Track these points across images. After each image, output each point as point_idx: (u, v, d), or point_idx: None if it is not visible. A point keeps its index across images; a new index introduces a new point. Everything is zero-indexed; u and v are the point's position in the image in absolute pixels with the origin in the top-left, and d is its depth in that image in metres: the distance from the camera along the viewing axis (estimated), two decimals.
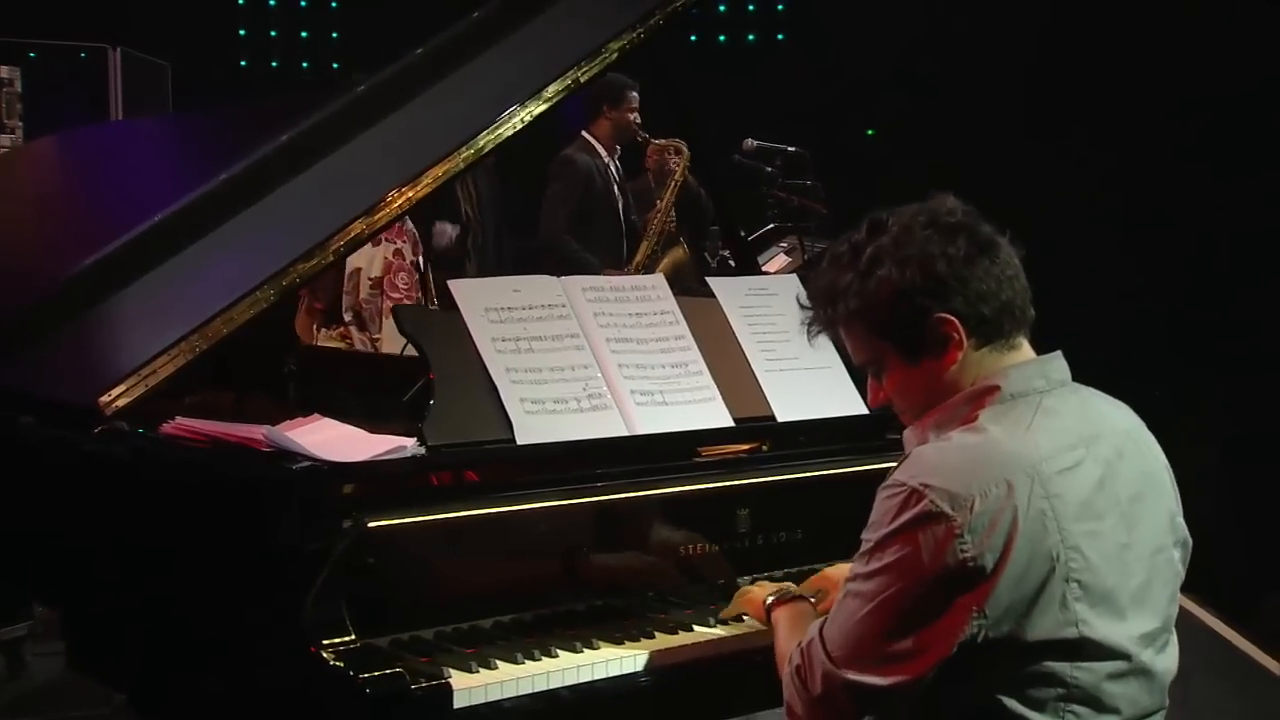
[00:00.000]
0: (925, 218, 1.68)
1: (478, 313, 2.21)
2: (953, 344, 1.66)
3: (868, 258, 1.68)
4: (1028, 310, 1.70)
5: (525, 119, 2.42)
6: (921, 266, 1.64)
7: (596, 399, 2.23)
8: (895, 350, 1.69)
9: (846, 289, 1.70)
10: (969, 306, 1.64)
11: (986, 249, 1.66)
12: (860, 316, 1.69)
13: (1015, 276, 1.68)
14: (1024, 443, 1.60)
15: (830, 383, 2.49)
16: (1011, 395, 1.65)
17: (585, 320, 2.31)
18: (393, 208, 2.31)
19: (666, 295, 2.44)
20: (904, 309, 1.65)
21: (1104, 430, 1.67)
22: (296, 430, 2.11)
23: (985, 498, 1.55)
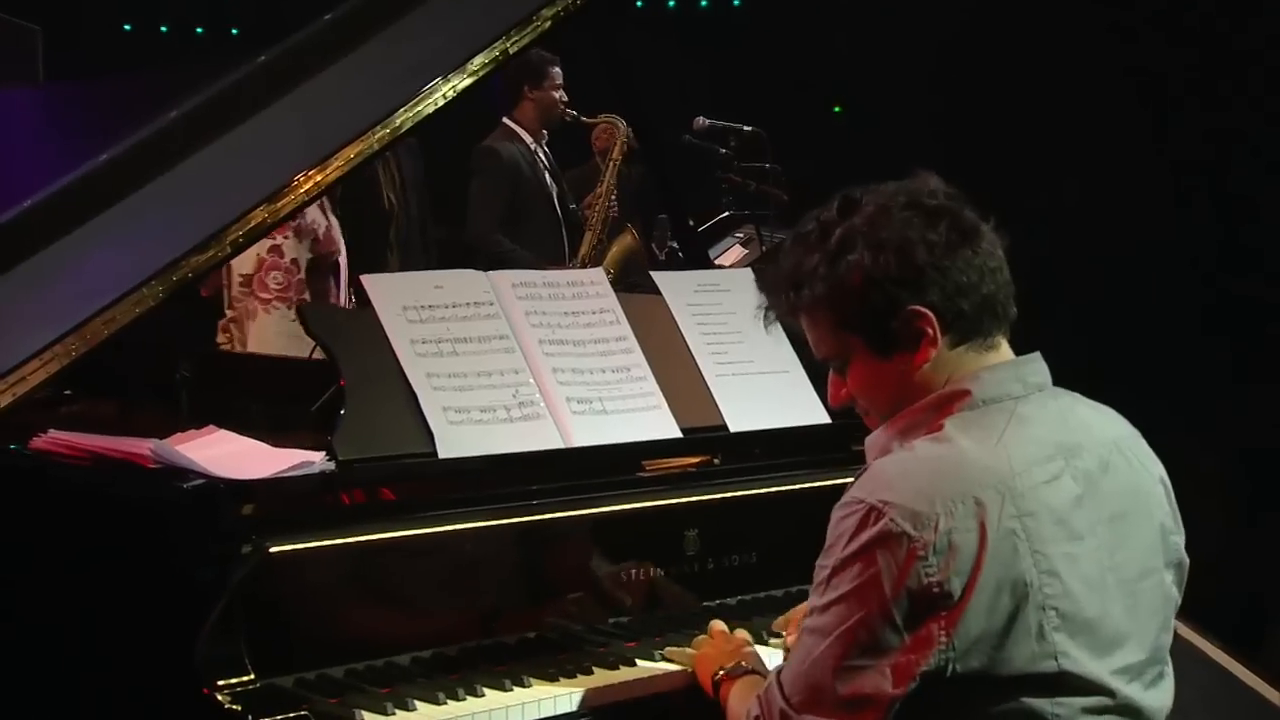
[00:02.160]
0: (904, 198, 1.69)
1: (395, 312, 2.21)
2: (925, 340, 1.67)
3: (838, 239, 1.68)
4: (1009, 307, 1.71)
5: (449, 94, 2.42)
6: (898, 252, 1.65)
7: (528, 407, 2.24)
8: (863, 343, 1.69)
9: (812, 272, 1.69)
10: (947, 300, 1.65)
11: (969, 237, 1.67)
12: (826, 304, 1.69)
13: (998, 269, 1.69)
14: (994, 455, 1.61)
15: (788, 388, 2.51)
16: (983, 401, 1.66)
17: (515, 319, 2.32)
18: (299, 193, 2.31)
19: (606, 291, 2.46)
20: (876, 298, 1.66)
21: (1086, 440, 1.69)
22: (189, 444, 2.10)
23: (950, 516, 1.56)
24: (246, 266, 3.80)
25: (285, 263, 3.74)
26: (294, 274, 3.79)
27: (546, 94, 5.34)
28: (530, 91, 5.33)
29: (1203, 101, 5.21)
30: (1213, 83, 5.14)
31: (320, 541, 1.93)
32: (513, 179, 5.29)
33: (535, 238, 5.32)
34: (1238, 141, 5.12)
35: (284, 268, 3.75)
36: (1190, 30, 5.18)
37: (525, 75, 5.28)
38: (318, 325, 2.18)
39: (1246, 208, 5.10)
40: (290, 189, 2.31)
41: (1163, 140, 5.41)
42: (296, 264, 3.79)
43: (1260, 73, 5.02)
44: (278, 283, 3.74)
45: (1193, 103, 5.28)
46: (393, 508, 2.12)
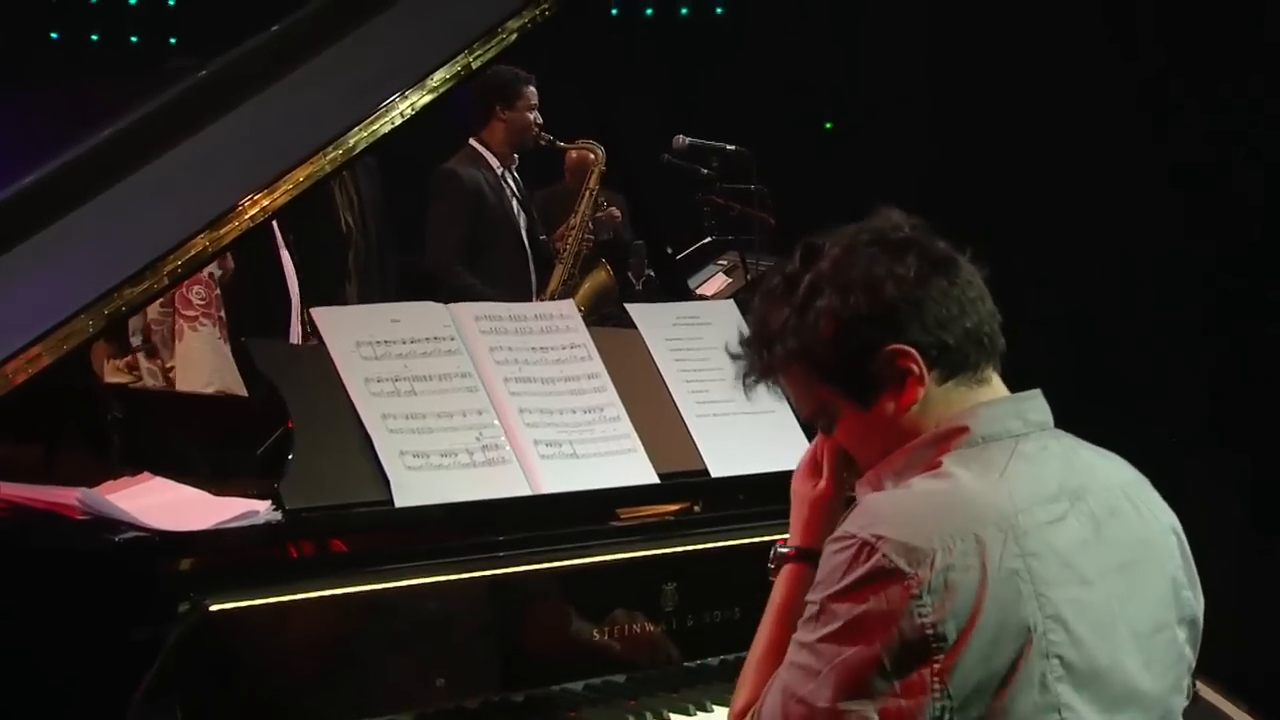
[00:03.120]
0: (868, 236, 1.72)
1: (348, 347, 2.22)
2: (911, 379, 1.69)
3: (805, 288, 1.71)
4: (997, 338, 1.73)
5: (407, 112, 2.45)
6: (867, 290, 1.68)
7: (493, 451, 2.25)
8: (844, 395, 1.72)
9: (782, 328, 1.72)
10: (927, 334, 1.68)
11: (942, 267, 1.70)
12: (801, 358, 1.72)
13: (980, 299, 1.72)
14: (996, 491, 1.63)
15: (775, 430, 2.53)
16: (983, 438, 1.69)
17: (479, 356, 2.34)
18: (243, 219, 2.32)
19: (577, 325, 2.48)
20: (850, 343, 1.68)
21: (1092, 483, 1.71)
22: (121, 493, 2.10)
23: (948, 552, 1.58)
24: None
25: (205, 276, 3.74)
26: (213, 289, 3.77)
27: (519, 115, 5.34)
28: (502, 111, 5.33)
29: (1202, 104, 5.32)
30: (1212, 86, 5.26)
31: (265, 599, 1.93)
32: (474, 206, 5.28)
33: (500, 271, 5.31)
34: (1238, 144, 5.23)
35: (204, 281, 3.73)
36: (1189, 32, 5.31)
37: (497, 94, 5.28)
38: (264, 361, 2.19)
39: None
40: (234, 214, 2.32)
41: (1162, 143, 5.50)
42: (213, 278, 3.78)
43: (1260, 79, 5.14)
44: (201, 298, 3.72)
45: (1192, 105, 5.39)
46: (345, 561, 2.12)
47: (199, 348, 3.62)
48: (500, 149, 5.39)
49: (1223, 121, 5.24)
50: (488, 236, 5.33)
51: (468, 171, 5.32)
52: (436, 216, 5.32)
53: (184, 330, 3.65)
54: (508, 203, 5.37)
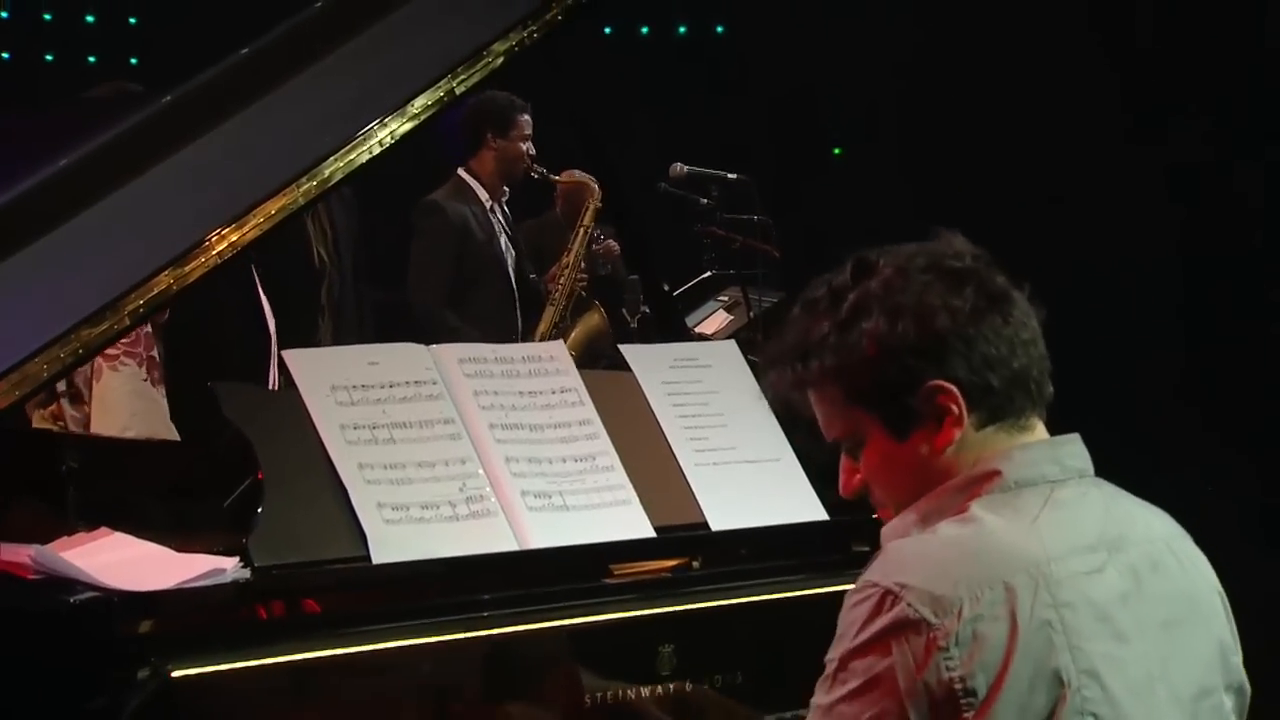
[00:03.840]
0: (925, 260, 1.73)
1: (322, 392, 2.23)
2: (949, 419, 1.70)
3: (850, 305, 1.72)
4: (1045, 384, 1.74)
5: (386, 141, 2.47)
6: (917, 319, 1.68)
7: (477, 503, 2.26)
8: (877, 422, 1.72)
9: (821, 342, 1.73)
10: (973, 374, 1.68)
11: (999, 304, 1.71)
12: (836, 377, 1.73)
13: (1032, 341, 1.73)
14: (1028, 537, 1.64)
15: (779, 480, 2.54)
16: (1015, 483, 1.69)
17: (463, 401, 2.35)
18: (210, 255, 2.33)
19: (567, 368, 2.49)
20: (892, 371, 1.69)
21: (1133, 535, 1.72)
22: (77, 550, 2.10)
23: (976, 602, 1.58)
24: None
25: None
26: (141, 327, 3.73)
27: (512, 144, 5.34)
28: (494, 140, 5.33)
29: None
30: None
31: (232, 664, 1.93)
32: (459, 242, 5.27)
33: (485, 312, 5.31)
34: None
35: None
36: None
37: (489, 121, 5.29)
38: (231, 406, 2.20)
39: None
40: (201, 250, 2.33)
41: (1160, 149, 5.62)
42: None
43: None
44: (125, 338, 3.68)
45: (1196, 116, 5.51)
46: (318, 623, 2.12)
47: (117, 389, 3.55)
48: (490, 180, 5.39)
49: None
50: (474, 276, 5.33)
51: (454, 205, 5.32)
52: (420, 253, 5.31)
53: (102, 370, 3.59)
54: (495, 239, 5.38)
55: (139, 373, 3.61)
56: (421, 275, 5.30)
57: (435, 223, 5.29)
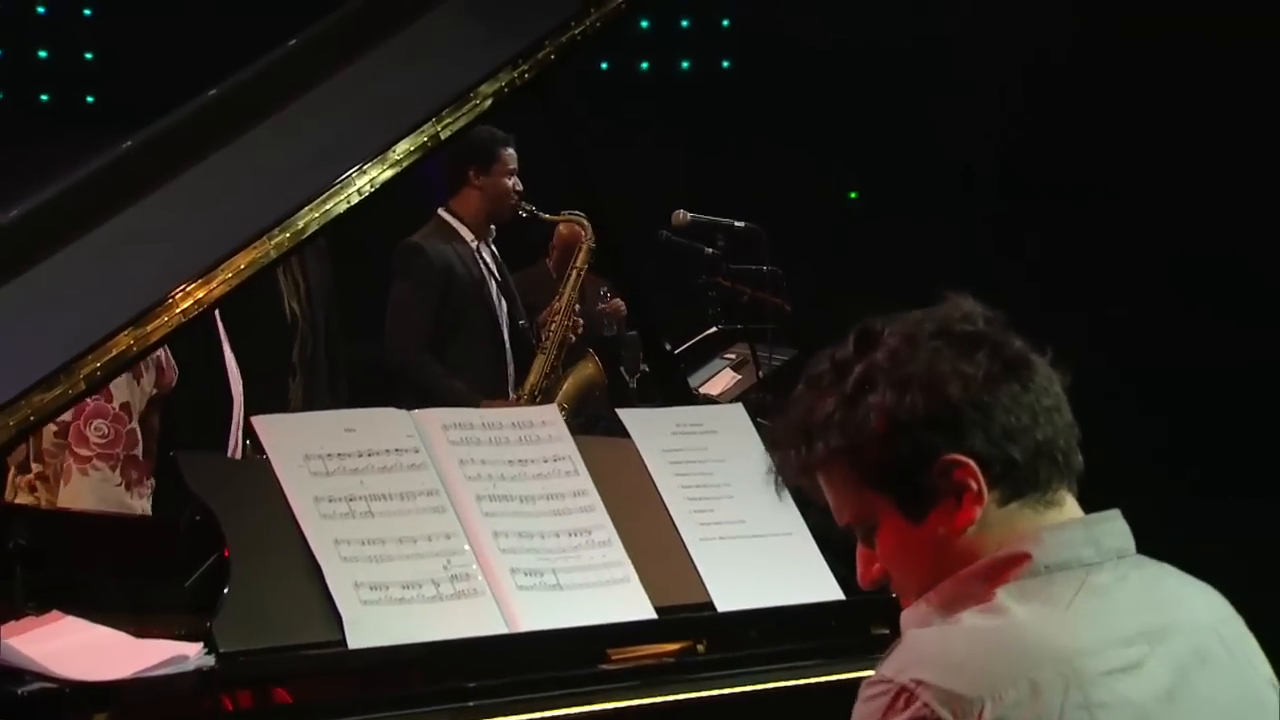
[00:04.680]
0: (933, 326, 1.73)
1: (295, 461, 2.24)
2: (969, 496, 1.69)
3: (856, 379, 1.72)
4: (1073, 455, 1.74)
5: (365, 189, 2.49)
6: (927, 389, 1.69)
7: (463, 582, 2.27)
8: (891, 504, 1.72)
9: (827, 421, 1.73)
10: (992, 445, 1.68)
11: (1016, 369, 1.71)
12: (845, 458, 1.72)
13: (1056, 409, 1.72)
14: (1059, 629, 1.63)
15: (791, 557, 2.54)
16: (1046, 567, 1.68)
17: (447, 471, 2.36)
18: (175, 313, 2.35)
19: (561, 434, 2.50)
20: (903, 447, 1.69)
21: (1178, 622, 1.70)
22: (26, 636, 2.10)
23: (998, 701, 1.57)
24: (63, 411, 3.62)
25: (113, 408, 3.54)
26: (124, 423, 3.56)
27: (497, 181, 5.36)
28: (476, 177, 5.35)
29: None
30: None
31: None
32: (443, 287, 5.28)
33: (472, 362, 5.31)
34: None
35: (111, 415, 3.55)
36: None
37: (471, 157, 5.30)
38: (196, 478, 2.21)
39: None
40: (164, 308, 2.35)
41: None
42: (128, 410, 3.58)
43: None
44: (101, 435, 3.52)
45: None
46: (290, 714, 2.12)
47: (85, 495, 3.46)
48: (475, 220, 5.40)
49: None
50: (459, 321, 5.33)
51: (436, 246, 5.33)
52: (400, 298, 5.32)
53: (71, 471, 3.49)
54: (483, 282, 5.38)
55: (112, 477, 3.52)
56: (402, 321, 5.30)
57: (418, 265, 5.29)
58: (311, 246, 4.81)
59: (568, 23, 2.73)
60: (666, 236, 5.73)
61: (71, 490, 3.51)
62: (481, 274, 5.38)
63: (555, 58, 2.71)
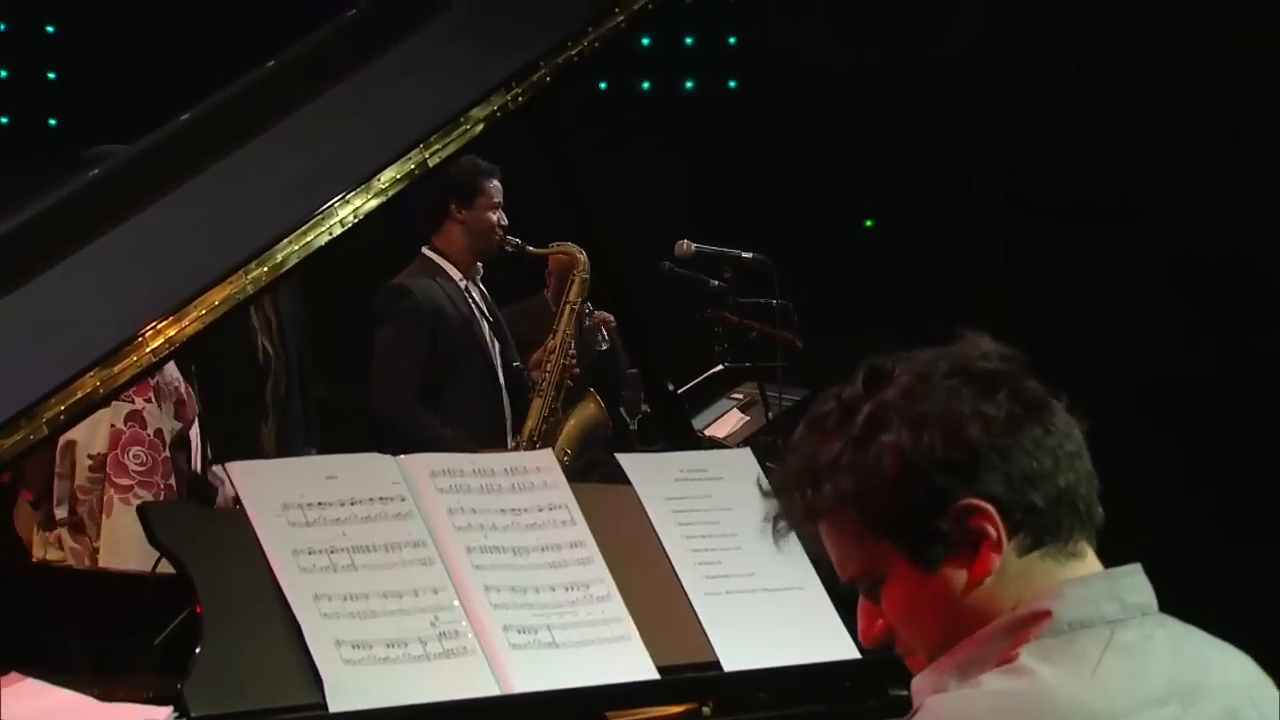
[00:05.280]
0: (948, 365, 1.74)
1: (272, 511, 2.24)
2: (987, 544, 1.69)
3: (865, 419, 1.72)
4: (1094, 504, 1.74)
5: (348, 220, 2.50)
6: (944, 429, 1.69)
7: (452, 640, 2.26)
8: (902, 553, 1.72)
9: (834, 463, 1.73)
10: (1012, 490, 1.68)
11: (1037, 411, 1.72)
12: (853, 503, 1.72)
13: (1077, 455, 1.73)
14: (1090, 691, 1.63)
15: (802, 612, 2.55)
16: (1069, 624, 1.68)
17: (435, 520, 2.36)
18: (144, 353, 2.35)
19: (557, 480, 2.50)
20: (917, 491, 1.69)
21: (1209, 683, 1.71)
22: None
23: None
24: (97, 444, 3.70)
25: (149, 435, 3.64)
26: (159, 450, 3.66)
27: (480, 215, 5.35)
28: (458, 211, 5.35)
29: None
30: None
31: None
32: (432, 329, 5.28)
33: (466, 408, 5.30)
34: None
35: (147, 441, 3.64)
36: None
37: (452, 190, 5.31)
38: (165, 530, 2.21)
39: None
40: (134, 347, 2.35)
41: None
42: (161, 436, 3.68)
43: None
44: (140, 462, 3.61)
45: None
46: None
47: (130, 526, 3.51)
48: (460, 257, 5.40)
49: None
50: (450, 366, 5.32)
51: (423, 286, 5.32)
52: (386, 345, 5.31)
53: (113, 503, 3.56)
54: (473, 322, 5.38)
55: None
56: (388, 368, 5.29)
57: (404, 308, 5.29)
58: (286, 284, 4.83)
59: (564, 43, 2.75)
60: (669, 268, 5.74)
61: (115, 522, 3.59)
62: (472, 314, 5.38)
63: (551, 80, 2.73)
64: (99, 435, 3.61)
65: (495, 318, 5.51)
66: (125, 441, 3.56)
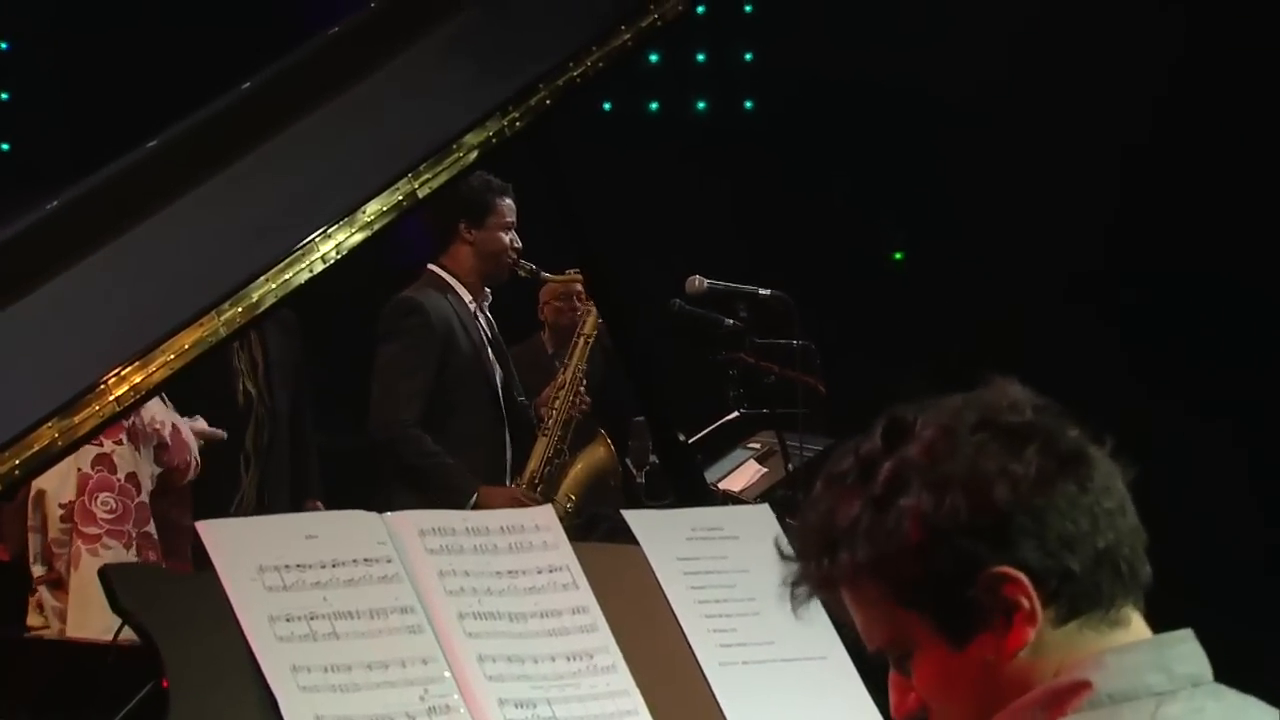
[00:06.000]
0: (974, 416, 1.74)
1: (246, 574, 2.25)
2: (1020, 615, 1.70)
3: (885, 479, 1.73)
4: (1139, 565, 1.75)
5: (331, 256, 2.51)
6: (970, 491, 1.70)
7: (443, 715, 2.26)
8: (930, 625, 1.73)
9: (852, 528, 1.74)
10: (1046, 556, 1.69)
11: (1073, 466, 1.72)
12: (874, 572, 1.73)
13: (1119, 511, 1.74)
14: None
15: (827, 684, 2.54)
16: (1110, 696, 1.68)
17: (425, 584, 2.36)
18: (107, 401, 2.36)
19: (558, 540, 2.50)
20: (942, 559, 1.70)
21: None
22: None
23: None
24: (66, 491, 3.67)
25: (118, 480, 3.63)
26: (132, 495, 3.64)
27: (491, 236, 5.33)
28: (468, 231, 5.33)
29: None
30: None
31: None
32: (443, 349, 5.25)
33: (467, 438, 5.28)
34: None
35: (117, 487, 3.63)
36: None
37: (462, 209, 5.28)
38: (128, 594, 2.21)
39: None
40: (95, 395, 2.36)
41: None
42: (135, 481, 3.67)
43: None
44: (109, 509, 3.60)
45: None
46: None
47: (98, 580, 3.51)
48: (468, 280, 5.37)
49: None
50: (456, 392, 5.28)
51: (434, 300, 5.28)
52: (390, 361, 5.25)
53: (80, 554, 3.54)
54: (481, 344, 5.37)
55: (125, 556, 3.58)
56: (391, 386, 5.22)
57: (414, 324, 5.24)
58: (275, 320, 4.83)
59: (566, 63, 2.75)
60: (679, 306, 5.73)
61: (83, 576, 3.56)
62: (482, 339, 5.37)
63: (551, 103, 2.74)
64: (69, 482, 3.61)
65: (501, 347, 5.49)
66: (93, 487, 3.56)
